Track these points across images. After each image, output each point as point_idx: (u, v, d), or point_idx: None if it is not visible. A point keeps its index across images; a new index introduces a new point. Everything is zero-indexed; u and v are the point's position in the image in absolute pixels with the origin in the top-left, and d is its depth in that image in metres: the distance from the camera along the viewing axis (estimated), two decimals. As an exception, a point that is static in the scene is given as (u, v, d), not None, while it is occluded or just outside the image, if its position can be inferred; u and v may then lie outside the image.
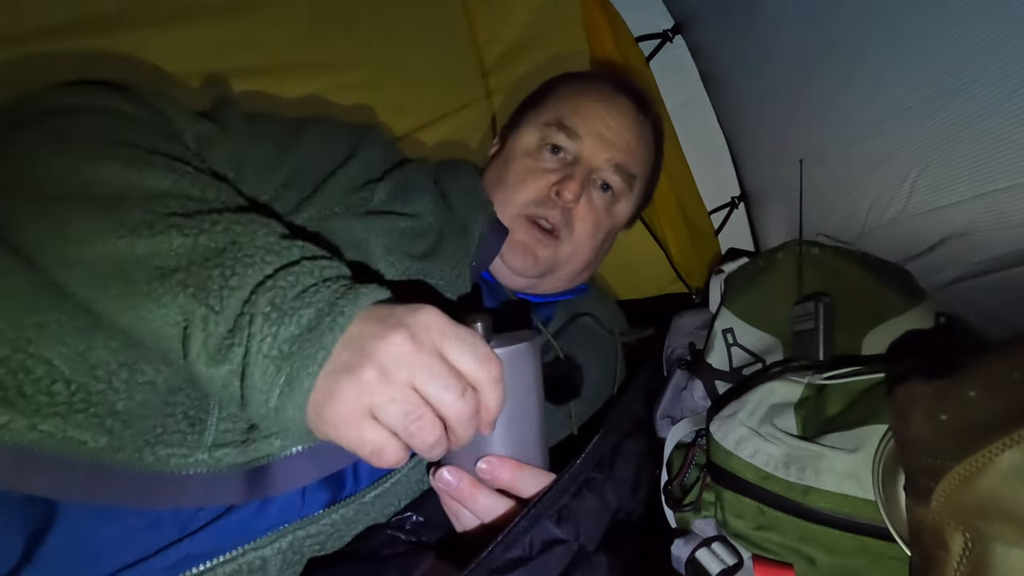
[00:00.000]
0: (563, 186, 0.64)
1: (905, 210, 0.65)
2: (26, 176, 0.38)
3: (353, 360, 0.33)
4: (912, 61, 0.55)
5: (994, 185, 0.53)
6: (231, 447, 0.39)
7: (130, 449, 0.36)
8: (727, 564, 0.50)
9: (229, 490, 0.39)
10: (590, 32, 1.00)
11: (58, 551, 0.36)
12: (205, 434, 0.39)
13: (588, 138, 0.67)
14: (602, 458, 0.50)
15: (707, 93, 1.02)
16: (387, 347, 0.33)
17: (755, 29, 0.78)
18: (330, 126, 0.59)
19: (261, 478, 0.40)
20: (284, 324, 0.34)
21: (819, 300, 0.63)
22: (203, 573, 0.38)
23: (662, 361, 0.82)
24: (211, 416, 0.39)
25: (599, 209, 0.68)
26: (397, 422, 0.33)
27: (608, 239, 0.73)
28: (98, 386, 0.36)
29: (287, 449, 0.41)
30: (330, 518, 0.42)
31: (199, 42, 0.76)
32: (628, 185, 0.70)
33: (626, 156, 0.69)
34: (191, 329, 0.34)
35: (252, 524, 0.41)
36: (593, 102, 0.70)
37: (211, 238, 0.36)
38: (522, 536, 0.39)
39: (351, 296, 0.35)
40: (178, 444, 0.38)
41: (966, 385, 0.34)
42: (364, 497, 0.44)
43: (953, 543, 0.34)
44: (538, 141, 0.68)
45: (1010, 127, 0.49)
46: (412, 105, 0.99)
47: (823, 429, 0.50)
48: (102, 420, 0.36)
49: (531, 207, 0.65)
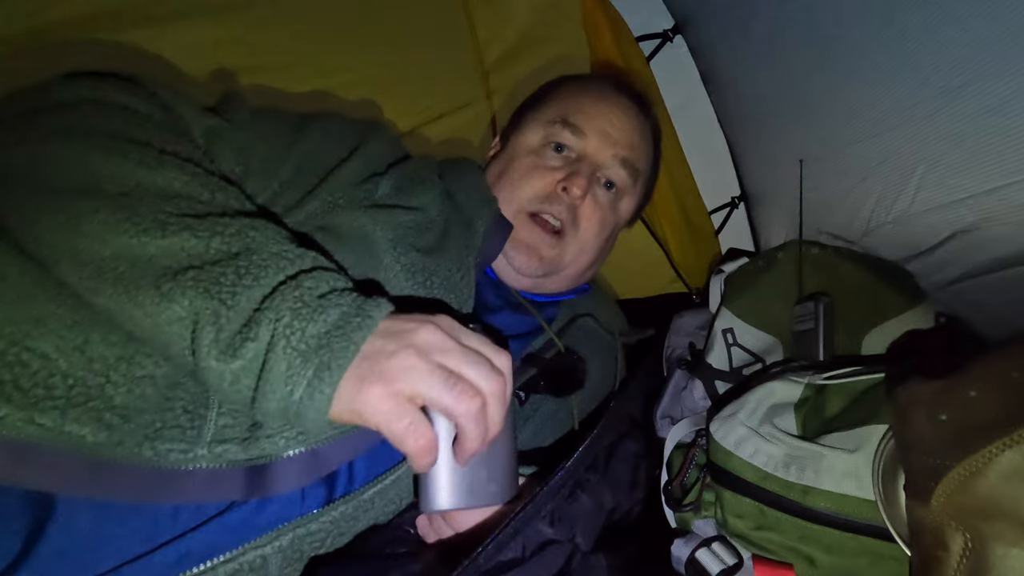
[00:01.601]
0: (570, 182, 0.64)
1: (912, 206, 0.65)
2: (36, 169, 0.39)
3: (389, 346, 0.36)
4: (917, 57, 0.55)
5: (1002, 180, 0.53)
6: (232, 443, 0.39)
7: (130, 443, 0.36)
8: (727, 564, 0.50)
9: (229, 487, 0.39)
10: (590, 32, 1.00)
11: (57, 547, 0.36)
12: (204, 429, 0.39)
13: (593, 135, 0.67)
14: (596, 458, 0.50)
15: (707, 93, 1.02)
16: (420, 334, 0.37)
17: (756, 29, 0.78)
18: (335, 121, 0.59)
19: (261, 477, 0.40)
20: (313, 321, 0.35)
21: (819, 300, 0.63)
22: (204, 572, 0.38)
23: (662, 361, 0.82)
24: (210, 411, 0.39)
25: (604, 206, 0.69)
26: (440, 391, 0.35)
27: (611, 237, 0.74)
28: (96, 380, 0.36)
29: (287, 450, 0.41)
30: (329, 515, 0.43)
31: (199, 42, 0.76)
32: (633, 180, 0.71)
33: (631, 151, 0.70)
34: (201, 325, 0.35)
35: (252, 522, 0.41)
36: (596, 100, 0.70)
37: (224, 241, 0.37)
38: (512, 538, 0.39)
39: (374, 303, 0.38)
40: (177, 439, 0.38)
41: (966, 385, 0.34)
42: (363, 495, 0.44)
43: (953, 543, 0.34)
44: (542, 139, 0.68)
45: (1019, 123, 0.48)
46: (412, 104, 0.99)
47: (823, 429, 0.50)
48: (100, 414, 0.36)
49: (536, 203, 0.65)
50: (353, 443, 0.44)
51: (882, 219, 0.70)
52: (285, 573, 0.41)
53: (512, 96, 1.04)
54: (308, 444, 0.42)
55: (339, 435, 0.43)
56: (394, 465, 0.47)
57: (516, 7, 1.03)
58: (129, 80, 0.47)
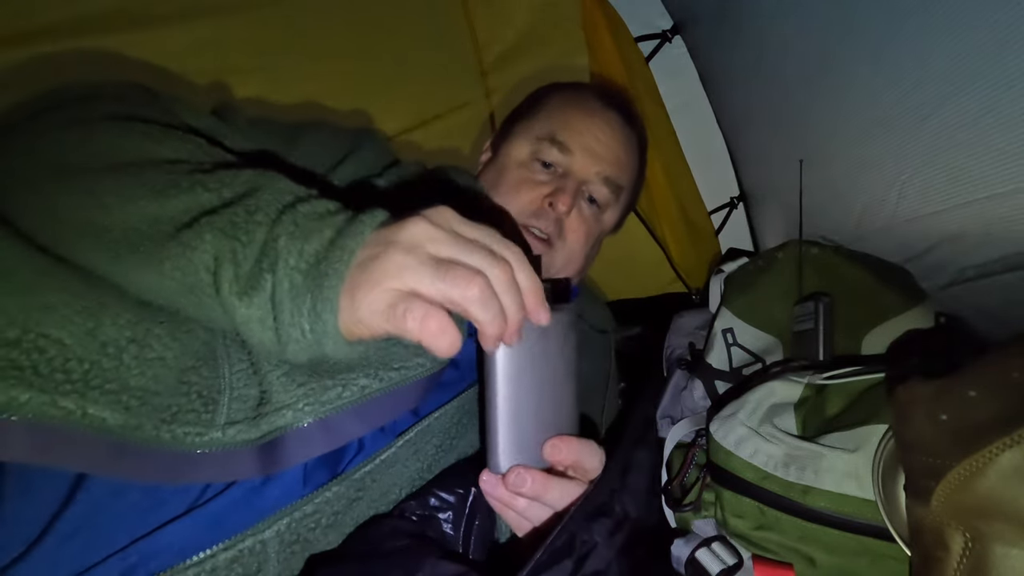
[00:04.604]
0: (556, 198, 0.66)
1: (895, 215, 0.66)
2: (49, 150, 0.40)
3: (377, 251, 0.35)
4: (902, 69, 0.55)
5: (977, 194, 0.54)
6: (243, 424, 0.40)
7: (148, 427, 0.37)
8: (727, 564, 0.50)
9: (241, 465, 0.40)
10: (590, 32, 1.00)
11: (74, 527, 0.37)
12: (218, 413, 0.40)
13: (579, 152, 0.70)
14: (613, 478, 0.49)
15: (706, 93, 1.02)
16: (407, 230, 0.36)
17: (753, 30, 0.78)
18: (327, 128, 0.60)
19: (273, 452, 0.41)
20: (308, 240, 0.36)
21: (819, 300, 0.63)
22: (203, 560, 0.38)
23: (662, 361, 0.82)
24: (223, 396, 0.40)
25: (589, 220, 0.71)
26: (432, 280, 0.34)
27: (596, 245, 0.76)
28: (110, 363, 0.37)
29: (299, 421, 0.42)
30: (323, 496, 0.43)
31: (199, 42, 0.76)
32: (615, 196, 0.73)
33: (614, 169, 0.72)
34: (221, 264, 0.35)
35: (254, 504, 0.42)
36: (583, 116, 0.72)
37: (233, 190, 0.39)
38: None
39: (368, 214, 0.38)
40: (193, 423, 0.39)
41: (966, 385, 0.34)
42: (355, 474, 0.44)
43: (953, 543, 0.34)
44: (530, 154, 0.70)
45: (989, 138, 0.49)
46: (412, 103, 1.00)
47: (823, 429, 0.50)
48: (118, 396, 0.36)
49: (524, 217, 0.67)
50: (362, 414, 0.45)
51: (870, 226, 0.71)
52: (283, 558, 0.41)
53: (512, 96, 1.05)
54: (317, 414, 0.42)
55: (348, 404, 0.43)
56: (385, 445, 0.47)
57: (515, 7, 1.03)
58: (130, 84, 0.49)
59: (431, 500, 0.46)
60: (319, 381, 0.43)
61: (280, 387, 0.41)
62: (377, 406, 0.45)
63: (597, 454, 0.45)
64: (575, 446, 0.43)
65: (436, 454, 0.50)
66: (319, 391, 0.42)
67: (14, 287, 0.37)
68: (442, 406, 0.51)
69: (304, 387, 0.42)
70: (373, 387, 0.45)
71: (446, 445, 0.51)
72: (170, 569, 0.37)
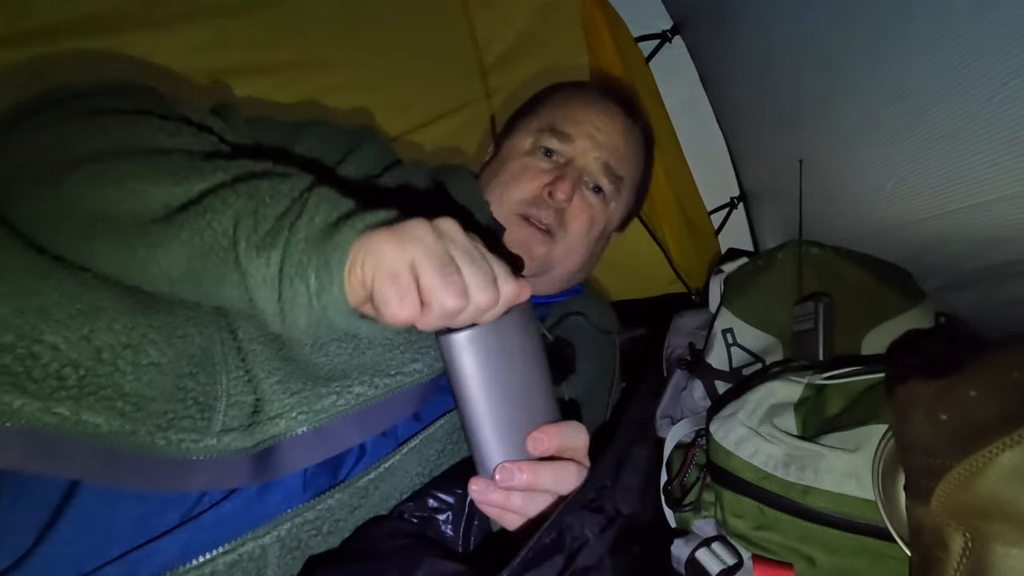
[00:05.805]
0: (555, 187, 0.66)
1: (884, 221, 0.66)
2: (62, 142, 0.40)
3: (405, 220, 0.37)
4: (888, 75, 0.56)
5: (960, 203, 0.54)
6: (237, 431, 0.40)
7: (143, 433, 0.37)
8: (727, 564, 0.50)
9: (235, 473, 0.40)
10: (590, 32, 1.00)
11: (68, 535, 0.36)
12: (214, 420, 0.39)
13: (579, 140, 0.70)
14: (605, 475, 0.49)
15: (706, 93, 1.02)
16: (441, 221, 0.38)
17: (751, 30, 0.78)
18: (327, 128, 0.60)
19: (268, 460, 0.41)
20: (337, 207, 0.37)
21: (819, 300, 0.63)
22: (203, 564, 0.38)
23: (662, 361, 0.82)
24: (220, 402, 0.40)
25: (593, 206, 0.70)
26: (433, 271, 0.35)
27: (602, 239, 0.75)
28: (105, 368, 0.37)
29: (293, 430, 0.41)
30: (325, 503, 0.43)
31: (199, 42, 0.76)
32: (616, 187, 0.72)
33: (614, 157, 0.72)
34: (242, 220, 0.36)
35: (254, 511, 0.41)
36: (584, 107, 0.73)
37: (251, 170, 0.39)
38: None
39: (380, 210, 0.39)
40: (189, 429, 0.38)
41: (966, 385, 0.34)
42: (358, 482, 0.44)
43: (953, 543, 0.34)
44: (531, 144, 0.71)
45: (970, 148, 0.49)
46: (412, 104, 0.99)
47: (823, 429, 0.50)
48: (113, 402, 0.36)
49: (523, 206, 0.67)
50: (358, 421, 0.44)
51: (860, 230, 0.72)
52: (283, 564, 0.41)
53: (511, 96, 1.05)
54: (312, 422, 0.42)
55: (343, 411, 0.43)
56: (389, 453, 0.47)
57: (516, 7, 1.03)
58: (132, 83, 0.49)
59: (430, 501, 0.46)
60: (313, 389, 0.43)
61: (274, 396, 0.41)
62: (374, 413, 0.45)
63: (580, 430, 0.45)
64: (555, 432, 0.43)
65: (438, 459, 0.50)
66: (312, 399, 0.42)
67: (10, 290, 0.36)
68: (446, 413, 0.51)
69: (298, 396, 0.42)
70: (369, 394, 0.45)
71: (448, 450, 0.51)
72: (170, 571, 0.37)
